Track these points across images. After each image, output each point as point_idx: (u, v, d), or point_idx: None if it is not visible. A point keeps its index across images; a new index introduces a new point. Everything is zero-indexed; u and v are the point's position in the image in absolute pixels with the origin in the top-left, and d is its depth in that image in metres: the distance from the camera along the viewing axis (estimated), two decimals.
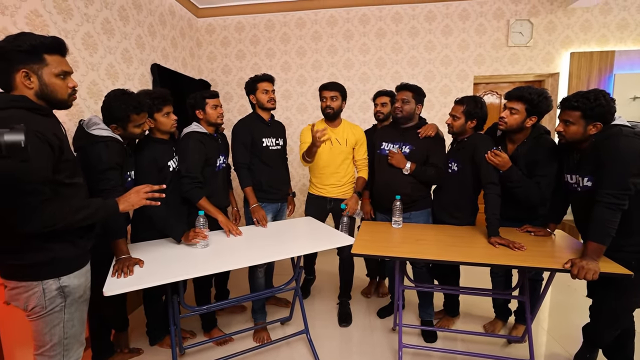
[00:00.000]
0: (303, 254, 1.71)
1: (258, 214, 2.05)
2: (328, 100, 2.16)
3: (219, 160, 2.00)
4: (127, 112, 1.50)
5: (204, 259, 1.55)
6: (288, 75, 3.66)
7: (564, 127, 1.47)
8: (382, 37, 3.48)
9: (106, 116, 1.53)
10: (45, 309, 1.14)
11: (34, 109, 1.10)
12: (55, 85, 1.14)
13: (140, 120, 1.56)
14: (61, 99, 1.17)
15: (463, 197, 1.93)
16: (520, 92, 1.67)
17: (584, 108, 1.38)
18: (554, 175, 1.68)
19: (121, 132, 1.54)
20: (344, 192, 2.27)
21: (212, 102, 1.96)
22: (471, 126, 1.87)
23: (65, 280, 1.17)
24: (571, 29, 3.24)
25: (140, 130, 1.58)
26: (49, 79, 1.12)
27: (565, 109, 1.46)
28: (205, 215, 1.73)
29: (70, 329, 1.20)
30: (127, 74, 2.60)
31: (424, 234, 1.83)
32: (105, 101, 1.52)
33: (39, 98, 1.13)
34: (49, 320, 1.16)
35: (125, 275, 1.37)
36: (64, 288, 1.17)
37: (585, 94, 1.40)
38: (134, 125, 1.55)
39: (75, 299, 1.21)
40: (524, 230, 1.82)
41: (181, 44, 3.41)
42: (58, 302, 1.16)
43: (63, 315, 1.18)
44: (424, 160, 1.99)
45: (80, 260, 1.24)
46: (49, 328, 1.16)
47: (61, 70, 1.14)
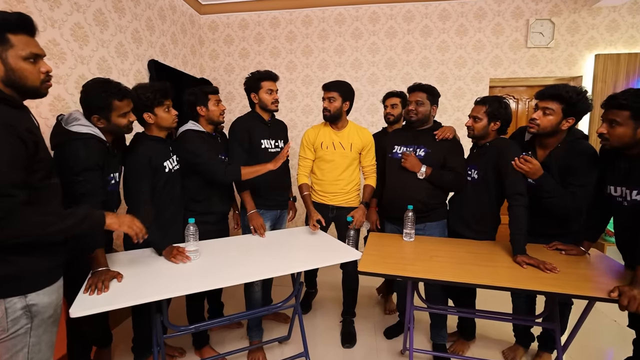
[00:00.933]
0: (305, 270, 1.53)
1: (256, 222, 1.87)
2: (325, 102, 1.99)
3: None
4: (108, 99, 1.32)
5: (194, 274, 1.38)
6: (293, 75, 3.50)
7: (608, 129, 1.27)
8: (392, 36, 3.30)
9: (86, 108, 1.35)
10: (7, 331, 0.98)
11: (3, 99, 0.95)
12: (24, 70, 0.99)
13: (124, 107, 1.38)
14: (32, 85, 1.02)
15: (484, 208, 1.73)
16: (556, 90, 1.48)
17: (635, 107, 1.19)
18: (592, 185, 1.48)
19: (105, 125, 1.36)
20: (348, 200, 2.08)
21: (214, 98, 1.81)
22: (494, 129, 1.68)
23: (33, 297, 1.01)
24: (596, 29, 3.03)
25: (126, 120, 1.40)
26: (15, 63, 0.98)
27: (612, 108, 1.26)
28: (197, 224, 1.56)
29: (36, 354, 1.04)
30: (122, 69, 2.46)
31: (439, 250, 1.64)
32: (82, 91, 1.34)
33: (6, 85, 0.98)
34: (10, 345, 0.99)
35: (99, 292, 1.19)
36: (31, 307, 1.01)
37: (636, 91, 1.21)
38: (117, 115, 1.36)
39: (44, 320, 1.05)
40: (552, 248, 1.62)
41: (182, 40, 3.27)
42: (23, 324, 1.00)
43: (28, 339, 1.02)
44: (440, 164, 1.80)
45: (52, 275, 1.08)
46: (10, 354, 1.00)
47: (30, 52, 0.99)
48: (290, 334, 2.03)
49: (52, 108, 1.90)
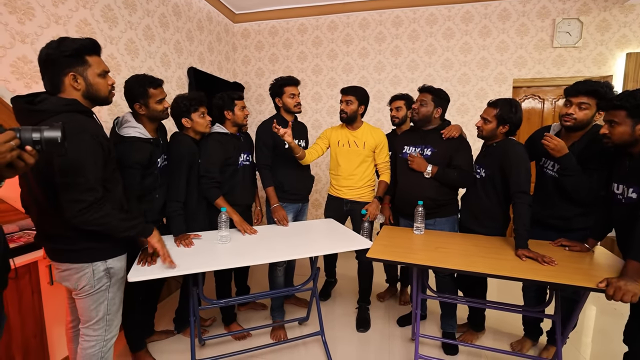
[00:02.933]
0: (321, 255, 1.71)
1: (278, 214, 2.09)
2: (343, 104, 2.16)
3: (240, 158, 2.06)
4: (144, 87, 1.59)
5: (224, 254, 1.61)
6: (319, 78, 3.70)
7: (609, 129, 1.34)
8: (415, 39, 3.40)
9: (128, 98, 1.63)
10: (94, 287, 1.28)
11: (84, 112, 1.22)
12: (99, 84, 1.26)
13: (159, 95, 1.63)
14: (104, 96, 1.30)
15: (493, 205, 1.82)
16: (592, 86, 1.54)
17: (629, 106, 1.26)
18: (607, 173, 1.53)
19: (146, 112, 1.63)
20: (361, 195, 2.24)
21: (240, 104, 2.03)
22: (502, 131, 1.77)
23: (111, 262, 1.32)
24: (629, 27, 2.95)
25: (162, 107, 1.65)
26: (93, 79, 1.24)
27: (609, 109, 1.34)
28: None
29: (112, 307, 1.35)
30: (165, 76, 2.78)
31: (446, 242, 1.76)
32: (125, 85, 1.63)
33: (85, 98, 1.25)
34: (96, 298, 1.30)
35: (149, 264, 1.46)
36: (110, 269, 1.31)
37: (631, 92, 1.28)
38: (154, 101, 1.62)
39: (118, 280, 1.36)
40: (558, 244, 1.68)
41: (217, 48, 3.57)
42: (104, 282, 1.31)
43: (107, 294, 1.32)
44: (447, 163, 1.91)
45: (123, 246, 1.38)
46: (96, 305, 1.30)
47: (102, 69, 1.26)
48: (309, 316, 2.24)
49: (110, 112, 2.24)
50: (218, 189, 1.93)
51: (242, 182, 2.06)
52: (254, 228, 1.97)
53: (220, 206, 1.87)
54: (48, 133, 0.86)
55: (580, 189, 1.59)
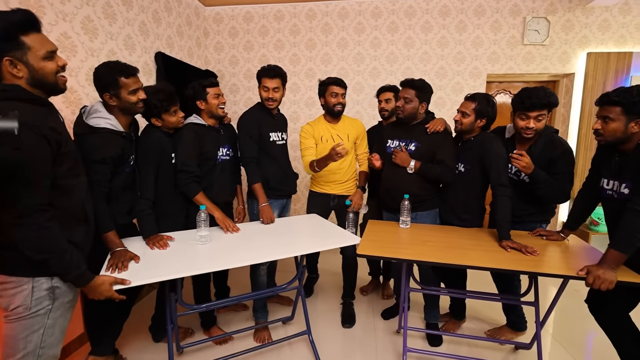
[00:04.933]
0: (308, 253, 1.66)
1: (267, 215, 1.98)
2: (339, 97, 2.09)
3: (219, 152, 1.92)
4: (113, 75, 1.41)
5: (204, 256, 1.51)
6: (297, 69, 3.58)
7: (602, 125, 1.37)
8: (394, 31, 3.38)
9: (98, 87, 1.45)
10: (29, 310, 1.05)
11: (28, 99, 1.02)
12: (45, 69, 1.04)
13: (132, 84, 1.45)
14: (51, 82, 1.07)
15: (472, 199, 1.86)
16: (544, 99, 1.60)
17: (625, 103, 1.29)
18: (572, 172, 1.68)
19: (117, 103, 1.44)
20: (348, 189, 2.22)
21: (213, 92, 1.87)
22: (480, 125, 1.80)
23: (58, 281, 1.10)
24: (589, 28, 3.13)
25: (135, 98, 1.46)
26: (37, 63, 1.02)
27: (605, 105, 1.36)
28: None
29: (49, 337, 1.10)
30: (130, 61, 2.50)
31: (431, 235, 1.77)
32: (94, 73, 1.44)
33: (32, 86, 1.04)
34: (28, 324, 1.05)
35: (119, 271, 1.31)
36: (55, 289, 1.09)
37: (627, 88, 1.31)
38: (127, 92, 1.44)
39: (64, 303, 1.13)
40: (536, 234, 1.76)
41: (187, 32, 3.33)
42: (45, 305, 1.08)
43: (46, 320, 1.08)
44: (431, 157, 1.92)
45: None
46: (27, 333, 1.05)
47: (47, 50, 1.04)
48: (294, 315, 2.18)
49: (65, 100, 1.99)
50: (197, 184, 1.80)
51: (220, 178, 1.92)
52: (237, 226, 1.86)
53: (200, 203, 1.74)
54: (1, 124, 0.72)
55: (556, 196, 1.68)
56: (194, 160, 1.78)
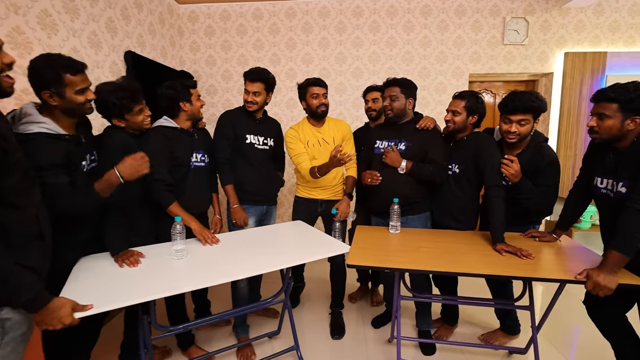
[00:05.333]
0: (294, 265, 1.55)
1: (238, 216, 1.90)
2: (321, 98, 1.99)
3: (193, 158, 1.78)
4: (58, 72, 1.18)
5: (181, 273, 1.36)
6: (277, 69, 3.46)
7: (597, 122, 1.32)
8: (376, 30, 3.33)
9: (35, 84, 1.21)
10: None
11: None
12: None
13: (79, 83, 1.23)
14: None
15: (467, 200, 1.81)
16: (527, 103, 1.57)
17: (622, 99, 1.24)
18: (557, 184, 1.67)
19: (59, 103, 1.22)
20: (336, 193, 2.13)
21: (196, 93, 1.76)
22: (472, 122, 1.76)
23: (7, 312, 0.92)
24: (565, 28, 3.19)
25: (83, 98, 1.26)
26: None
27: (600, 101, 1.31)
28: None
29: None
30: (95, 60, 2.34)
31: (424, 240, 1.70)
32: (29, 67, 1.20)
33: None
34: None
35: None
36: (5, 322, 0.92)
37: (623, 85, 1.27)
38: (73, 91, 1.22)
39: (15, 337, 0.96)
40: (528, 236, 1.73)
41: (160, 31, 3.15)
42: None
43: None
44: (422, 157, 1.85)
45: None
46: None
47: None
48: (280, 329, 2.05)
49: (20, 102, 1.78)
50: (172, 193, 1.65)
51: (194, 185, 1.77)
52: (217, 237, 1.72)
53: (175, 213, 1.59)
54: None
55: (542, 205, 1.66)
56: (164, 167, 1.63)
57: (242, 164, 1.97)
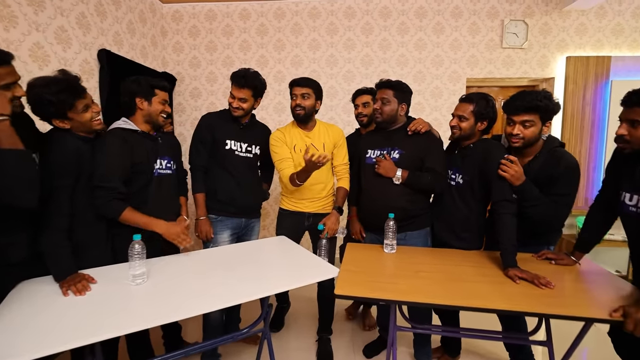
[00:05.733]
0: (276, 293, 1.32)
1: (201, 229, 1.74)
2: (298, 98, 1.78)
3: (156, 165, 1.56)
4: None
5: (140, 304, 1.13)
6: (264, 71, 3.27)
7: (628, 129, 1.14)
8: (369, 32, 3.17)
9: None
10: None
11: None
12: None
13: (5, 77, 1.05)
14: None
15: (471, 215, 1.60)
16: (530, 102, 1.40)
17: None
18: (574, 196, 1.45)
19: None
20: (325, 206, 1.92)
21: (161, 96, 1.54)
22: (481, 128, 1.57)
23: None
24: (566, 32, 3.06)
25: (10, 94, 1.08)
26: None
27: (634, 106, 1.12)
28: (144, 241, 1.31)
29: None
30: (63, 58, 2.13)
31: (423, 263, 1.49)
32: None
33: None
34: None
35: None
36: None
37: None
38: None
39: None
40: (542, 257, 1.52)
41: (141, 30, 2.95)
42: None
43: None
44: (418, 165, 1.67)
45: None
46: None
47: None
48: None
49: None
50: (121, 201, 1.40)
51: (157, 195, 1.54)
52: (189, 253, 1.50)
53: (130, 220, 1.39)
54: None
55: (548, 217, 1.45)
56: (116, 174, 1.39)
57: (218, 170, 1.79)
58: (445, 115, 3.20)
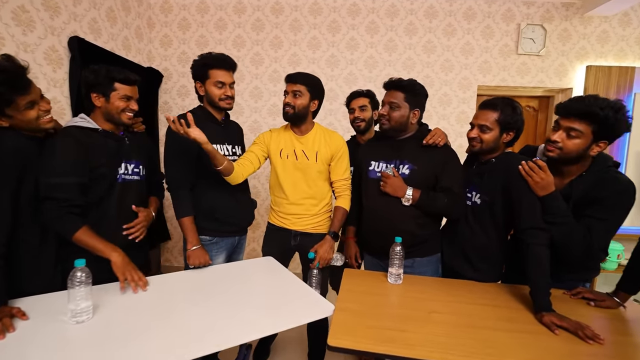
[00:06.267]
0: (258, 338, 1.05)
1: (196, 260, 1.41)
2: (289, 96, 1.52)
3: (120, 169, 1.30)
4: None
5: (75, 351, 0.86)
6: (259, 70, 3.02)
7: None
8: (374, 32, 2.93)
9: None
10: None
11: None
12: None
13: None
14: None
15: (490, 241, 1.34)
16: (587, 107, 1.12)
17: None
18: (617, 225, 1.17)
19: None
20: (316, 225, 1.63)
21: (123, 91, 1.26)
22: (506, 140, 1.32)
23: None
24: (587, 39, 2.83)
25: None
26: None
27: None
28: (92, 262, 1.04)
29: None
30: (23, 42, 1.85)
31: (437, 300, 1.22)
32: None
33: None
34: None
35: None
36: None
37: None
38: None
39: None
40: (578, 297, 1.25)
41: (123, 19, 2.68)
42: None
43: None
44: (431, 183, 1.41)
45: None
46: None
47: None
48: None
49: None
50: (77, 216, 1.16)
51: (119, 206, 1.29)
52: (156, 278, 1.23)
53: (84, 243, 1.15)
54: None
55: (574, 242, 1.17)
56: (69, 180, 1.14)
57: (211, 185, 1.50)
58: (454, 125, 2.96)
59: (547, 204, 1.17)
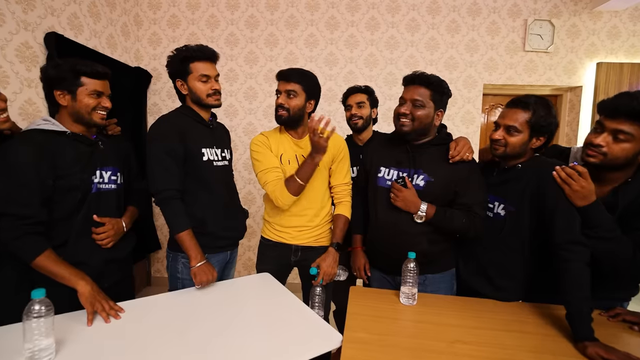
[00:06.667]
0: None
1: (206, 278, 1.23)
2: (282, 96, 1.36)
3: (95, 177, 1.13)
4: None
5: None
6: (254, 70, 2.86)
7: None
8: (374, 29, 2.78)
9: None
10: None
11: None
12: None
13: None
14: None
15: (517, 257, 1.19)
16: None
17: None
18: None
19: None
20: (318, 237, 1.47)
21: (93, 86, 1.10)
22: (536, 145, 1.17)
23: None
24: (597, 35, 2.71)
25: None
26: None
27: None
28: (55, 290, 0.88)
29: None
30: None
31: (459, 325, 1.06)
32: None
33: None
34: None
35: None
36: None
37: None
38: None
39: None
40: (618, 320, 1.11)
41: (108, 16, 2.52)
42: None
43: None
44: (449, 198, 1.26)
45: None
46: None
47: None
48: None
49: None
50: (40, 236, 1.00)
51: (91, 221, 1.12)
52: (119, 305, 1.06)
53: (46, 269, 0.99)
54: None
55: (620, 260, 1.03)
56: (29, 193, 0.98)
57: (200, 192, 1.32)
58: (459, 126, 2.82)
59: (588, 215, 1.03)
